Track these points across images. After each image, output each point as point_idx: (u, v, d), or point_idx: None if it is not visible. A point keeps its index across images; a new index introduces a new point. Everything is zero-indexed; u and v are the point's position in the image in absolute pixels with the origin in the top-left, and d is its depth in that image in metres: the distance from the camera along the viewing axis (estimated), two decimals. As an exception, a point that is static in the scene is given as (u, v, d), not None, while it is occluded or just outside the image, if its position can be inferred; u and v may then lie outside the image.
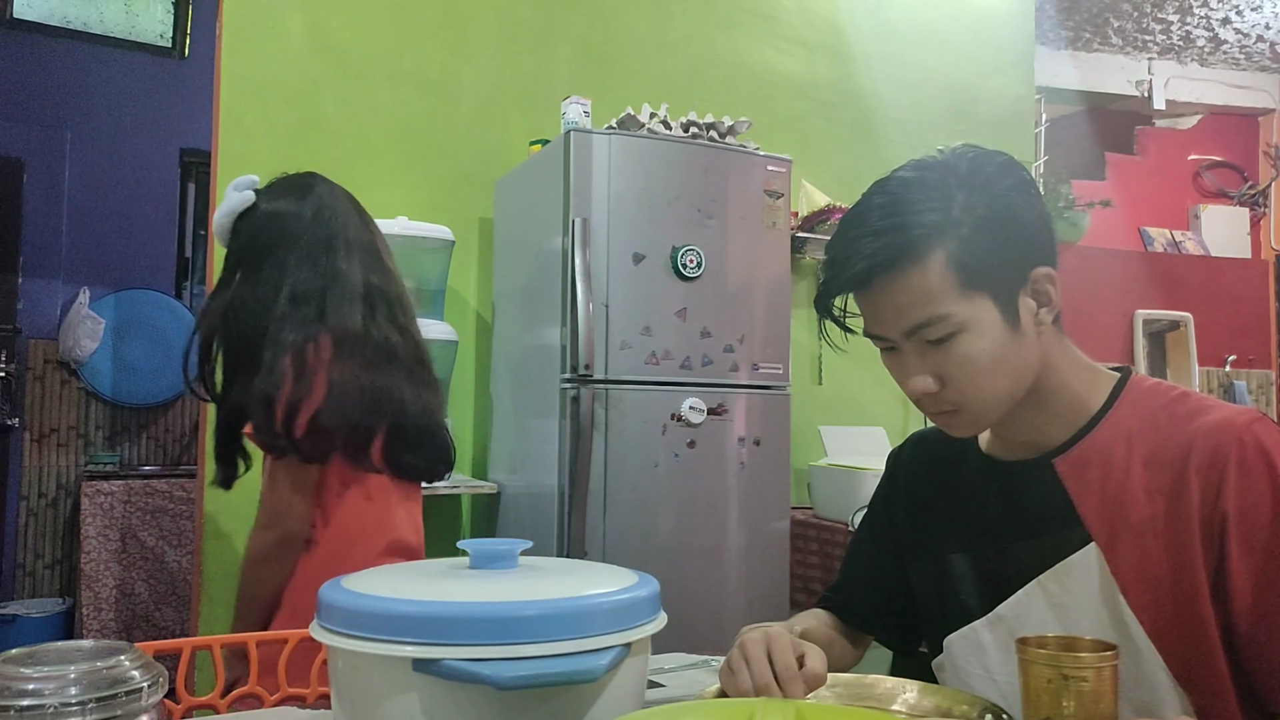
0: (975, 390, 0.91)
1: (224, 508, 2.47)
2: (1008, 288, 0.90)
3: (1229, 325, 5.30)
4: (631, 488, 2.23)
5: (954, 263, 0.88)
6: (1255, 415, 0.89)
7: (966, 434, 0.97)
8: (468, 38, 2.86)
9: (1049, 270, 0.92)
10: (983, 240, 0.88)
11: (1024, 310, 0.91)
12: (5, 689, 0.61)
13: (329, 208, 1.52)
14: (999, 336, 0.90)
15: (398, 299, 1.54)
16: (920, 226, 0.88)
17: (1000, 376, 0.91)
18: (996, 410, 0.93)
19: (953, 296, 0.88)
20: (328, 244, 1.49)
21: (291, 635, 1.14)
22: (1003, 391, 0.92)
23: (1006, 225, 0.90)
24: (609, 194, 2.26)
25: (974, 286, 0.88)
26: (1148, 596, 0.88)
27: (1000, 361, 0.90)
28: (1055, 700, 0.73)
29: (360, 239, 1.52)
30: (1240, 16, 4.95)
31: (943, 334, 0.89)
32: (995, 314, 0.89)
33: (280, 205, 1.53)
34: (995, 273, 0.89)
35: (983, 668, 0.99)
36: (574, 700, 0.73)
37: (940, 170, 0.92)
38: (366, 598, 0.75)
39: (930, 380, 0.91)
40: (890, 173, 0.94)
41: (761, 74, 3.33)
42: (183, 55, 4.37)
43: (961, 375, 0.90)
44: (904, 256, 0.88)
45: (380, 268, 1.53)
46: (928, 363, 0.91)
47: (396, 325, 1.50)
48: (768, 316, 2.44)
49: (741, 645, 0.86)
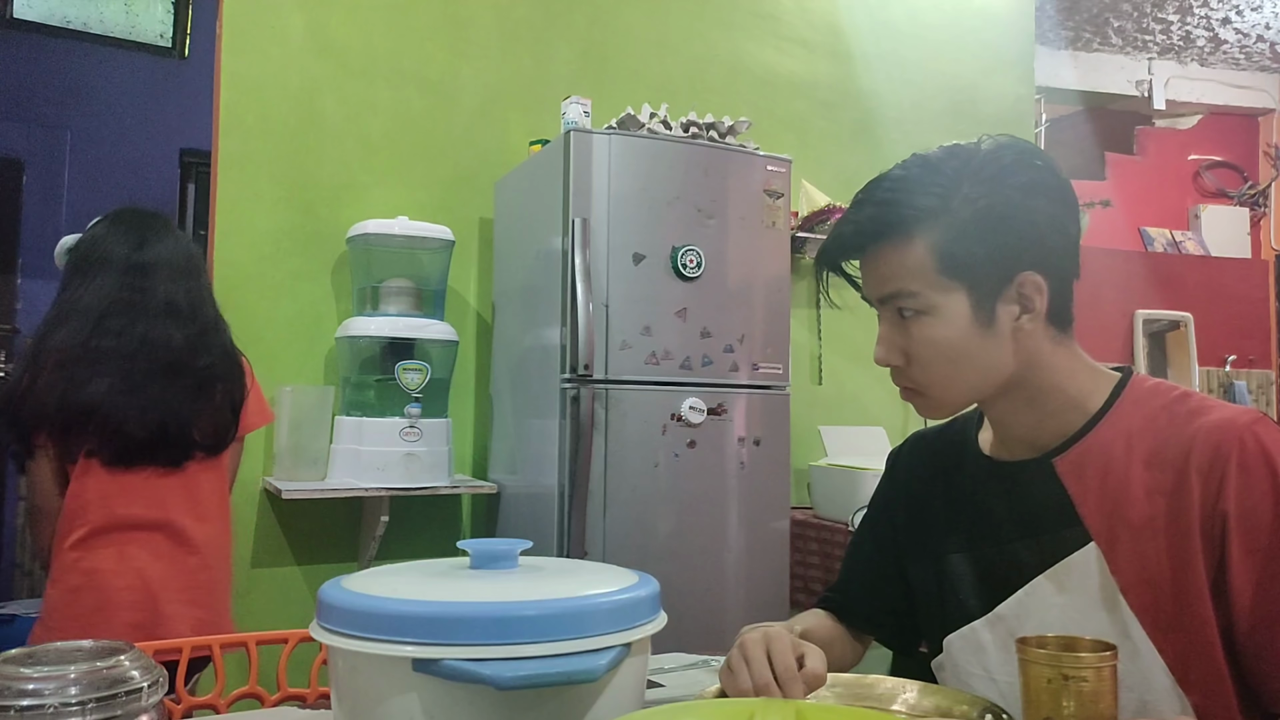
0: (934, 375, 0.94)
1: (224, 508, 2.47)
2: (986, 285, 0.91)
3: (1229, 325, 5.30)
4: (631, 488, 2.23)
5: (936, 249, 0.91)
6: (1256, 416, 0.89)
7: (931, 416, 1.00)
8: (468, 38, 2.86)
9: (1036, 277, 0.91)
10: (971, 234, 0.90)
11: (1003, 312, 0.92)
12: (5, 689, 0.61)
13: (96, 237, 1.80)
14: (964, 329, 0.92)
15: (161, 307, 1.74)
16: (912, 208, 0.91)
17: (961, 369, 0.93)
18: (957, 401, 0.97)
19: (927, 280, 0.91)
20: (79, 269, 1.76)
21: (291, 635, 1.14)
22: (963, 385, 0.94)
23: (1000, 224, 0.90)
24: (609, 194, 2.26)
25: (950, 276, 0.91)
26: (1148, 597, 0.88)
27: (962, 354, 0.92)
28: (1055, 700, 0.73)
29: (126, 259, 1.76)
30: (1240, 16, 4.95)
31: (910, 309, 0.93)
32: (966, 307, 0.92)
33: (68, 242, 1.89)
34: (976, 268, 0.91)
35: (982, 667, 0.99)
36: (574, 700, 0.74)
37: (962, 158, 0.93)
38: (366, 598, 0.75)
39: (894, 352, 0.95)
40: (927, 150, 0.97)
41: (761, 74, 3.33)
42: (183, 55, 4.37)
43: (922, 357, 0.94)
44: (890, 232, 0.92)
45: (142, 285, 1.74)
46: (897, 335, 0.95)
47: (130, 334, 1.70)
48: (768, 316, 2.44)
49: (741, 645, 0.86)
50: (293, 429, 2.42)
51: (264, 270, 2.54)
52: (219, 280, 2.49)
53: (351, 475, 2.39)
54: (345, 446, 2.43)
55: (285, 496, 2.28)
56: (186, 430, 1.75)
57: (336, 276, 2.64)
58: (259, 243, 2.54)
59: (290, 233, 2.58)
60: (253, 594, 2.48)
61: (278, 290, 2.56)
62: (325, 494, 2.33)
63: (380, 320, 2.46)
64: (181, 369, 1.74)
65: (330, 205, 2.63)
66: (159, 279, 1.77)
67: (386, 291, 2.51)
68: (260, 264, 2.54)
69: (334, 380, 2.59)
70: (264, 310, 2.53)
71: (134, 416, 1.68)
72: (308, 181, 2.61)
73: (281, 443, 2.43)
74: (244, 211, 2.53)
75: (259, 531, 2.51)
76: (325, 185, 2.63)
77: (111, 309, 1.71)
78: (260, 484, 2.50)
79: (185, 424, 1.74)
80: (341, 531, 2.61)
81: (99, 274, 1.74)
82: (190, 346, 1.76)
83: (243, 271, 2.51)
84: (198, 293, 1.83)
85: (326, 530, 2.59)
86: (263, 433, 2.51)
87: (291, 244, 2.58)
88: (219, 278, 2.49)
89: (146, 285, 1.75)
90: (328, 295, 2.62)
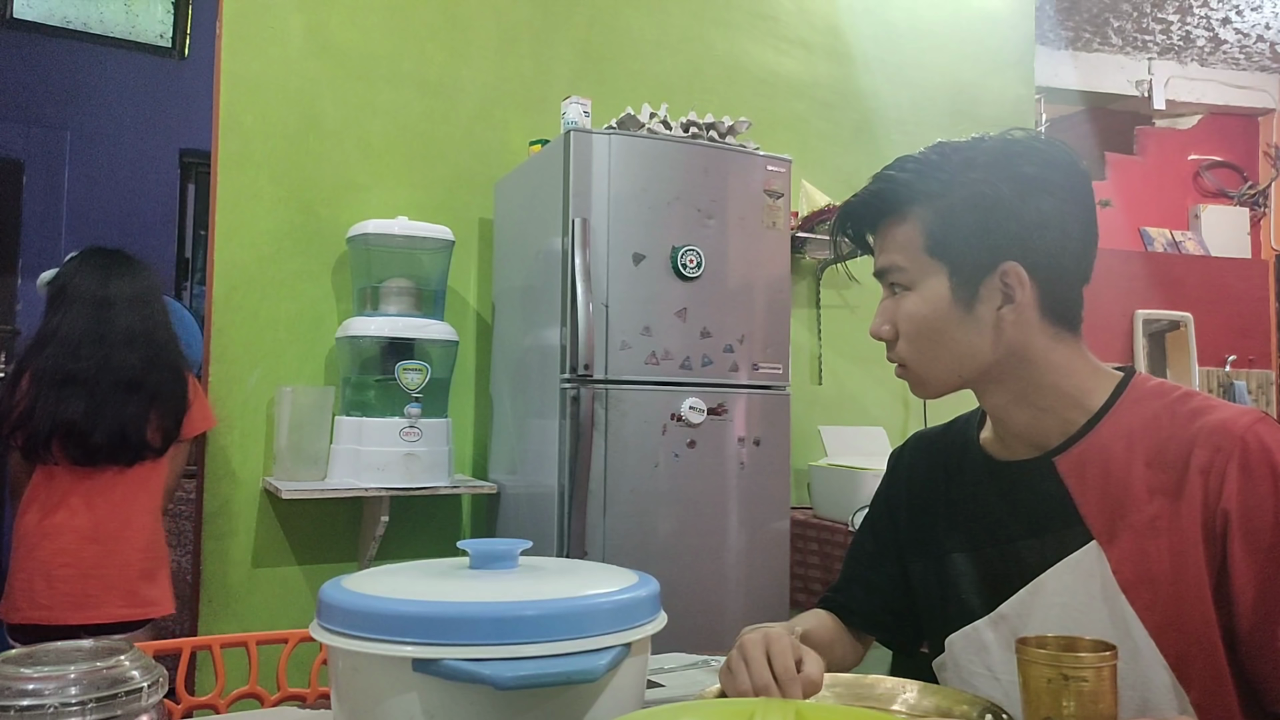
0: (915, 352, 0.98)
1: (224, 508, 2.47)
2: (968, 269, 0.94)
3: (1229, 325, 5.30)
4: (631, 488, 2.23)
5: (925, 227, 0.95)
6: (1258, 415, 0.89)
7: (918, 394, 1.02)
8: (468, 38, 2.86)
9: (1019, 269, 0.92)
10: (960, 217, 0.93)
11: (985, 298, 0.94)
12: (5, 689, 0.61)
13: (68, 274, 2.17)
14: (942, 309, 0.95)
15: (122, 335, 2.11)
16: (909, 187, 0.96)
17: (939, 347, 0.96)
18: (938, 378, 0.99)
19: (913, 254, 0.96)
20: (55, 300, 2.15)
21: (291, 635, 1.14)
22: (940, 364, 0.97)
23: (989, 213, 0.93)
24: (609, 194, 2.26)
25: (934, 254, 0.95)
26: (1149, 595, 0.88)
27: (939, 333, 0.95)
28: (1055, 700, 0.73)
29: (93, 295, 2.13)
30: (1240, 16, 4.95)
31: (899, 284, 0.98)
32: (945, 287, 0.95)
33: (47, 276, 2.25)
34: (958, 250, 0.94)
35: (985, 666, 0.99)
36: (574, 700, 0.73)
37: (977, 147, 0.96)
38: (366, 598, 0.75)
39: (885, 325, 0.99)
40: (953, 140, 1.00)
41: (761, 74, 3.33)
42: (183, 55, 4.38)
43: (905, 332, 0.98)
44: (888, 208, 0.98)
45: (107, 316, 2.11)
46: (888, 309, 1.00)
47: (97, 358, 2.07)
48: (768, 316, 2.44)
49: (741, 646, 0.86)
50: (293, 429, 2.43)
51: (264, 270, 2.54)
52: (219, 280, 2.49)
53: (351, 475, 2.40)
54: (345, 446, 2.43)
55: (285, 496, 2.28)
56: (141, 436, 2.11)
57: (336, 276, 2.64)
58: (259, 243, 2.54)
59: (290, 233, 2.58)
60: (253, 594, 2.48)
61: (278, 290, 2.56)
62: (325, 494, 2.34)
63: (380, 320, 2.46)
64: (137, 386, 2.11)
65: (330, 205, 2.63)
66: (119, 310, 2.14)
67: (386, 291, 2.51)
68: (260, 264, 2.54)
69: (334, 380, 2.59)
70: (264, 310, 2.53)
71: (100, 426, 2.06)
72: (308, 181, 2.61)
73: (281, 443, 2.44)
74: (244, 211, 2.53)
75: (259, 531, 2.51)
76: (325, 185, 2.63)
77: (84, 339, 2.09)
78: (260, 484, 2.50)
79: (140, 431, 2.11)
80: (341, 531, 2.61)
81: (72, 306, 2.12)
82: (145, 367, 2.13)
83: (243, 271, 2.51)
84: (152, 319, 2.19)
85: (326, 530, 2.59)
86: (263, 433, 2.51)
87: (291, 244, 2.58)
88: (219, 277, 2.49)
89: (110, 316, 2.12)
90: (328, 295, 2.62)
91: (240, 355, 2.50)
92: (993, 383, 0.97)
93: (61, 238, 4.09)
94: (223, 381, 2.48)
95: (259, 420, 2.51)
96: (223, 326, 2.48)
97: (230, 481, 2.48)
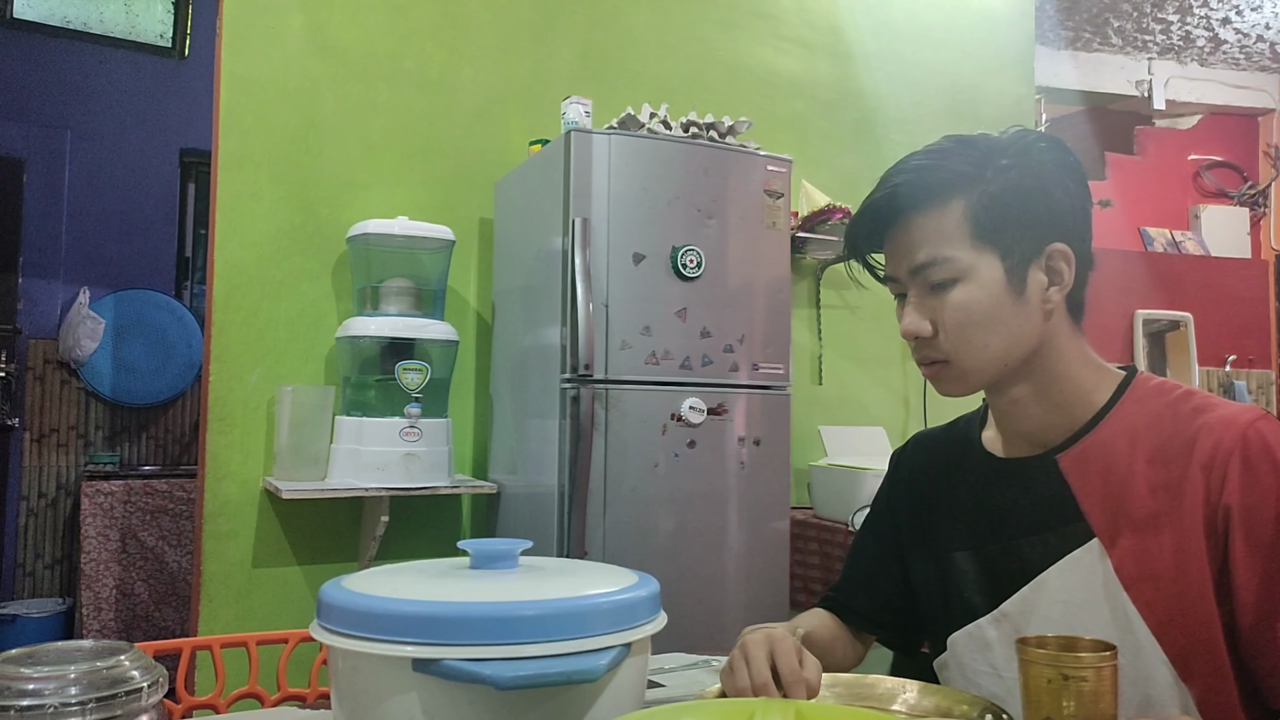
0: (964, 341, 0.93)
1: (224, 507, 2.47)
2: (1019, 252, 0.93)
3: (1229, 325, 5.30)
4: (631, 488, 2.23)
5: (971, 214, 0.92)
6: (1260, 413, 0.89)
7: (953, 389, 0.97)
8: (468, 38, 2.86)
9: (1065, 248, 0.93)
10: (1006, 201, 0.92)
11: (1033, 281, 0.93)
12: (5, 689, 0.61)
13: None
14: (997, 294, 0.92)
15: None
16: (948, 172, 0.93)
17: (991, 334, 0.93)
18: (984, 370, 0.95)
19: (962, 244, 0.92)
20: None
21: (291, 635, 1.14)
22: (992, 352, 0.94)
23: (1035, 195, 0.93)
24: (609, 194, 2.26)
25: (984, 241, 0.92)
26: (1150, 592, 0.88)
27: (994, 319, 0.93)
28: (1055, 700, 0.73)
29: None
30: (1240, 16, 4.95)
31: (943, 277, 0.93)
32: (999, 272, 0.93)
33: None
34: (1009, 234, 0.92)
35: (989, 665, 0.99)
36: (574, 700, 0.73)
37: (991, 138, 0.97)
38: (366, 598, 0.75)
39: (924, 322, 0.94)
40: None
41: (761, 74, 3.32)
42: (183, 55, 4.37)
43: (954, 324, 0.93)
44: (927, 197, 0.93)
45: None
46: (925, 308, 0.95)
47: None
48: (768, 316, 2.44)
49: (743, 646, 0.86)
50: (293, 429, 2.42)
51: (264, 270, 2.54)
52: (219, 280, 2.49)
53: (351, 475, 2.39)
54: (345, 446, 2.43)
55: (285, 496, 2.28)
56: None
57: (337, 276, 2.64)
58: (259, 243, 2.54)
59: (290, 233, 2.58)
60: (253, 594, 2.48)
61: (278, 290, 2.56)
62: (325, 494, 2.33)
63: (380, 320, 2.46)
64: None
65: (330, 205, 2.63)
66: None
67: (386, 291, 2.51)
68: (261, 264, 2.54)
69: (334, 380, 2.59)
70: (264, 310, 2.53)
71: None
72: (308, 181, 2.61)
73: (282, 443, 2.43)
74: (244, 211, 2.53)
75: (259, 531, 2.51)
76: (325, 185, 2.63)
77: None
78: (260, 484, 2.50)
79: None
80: (341, 531, 2.61)
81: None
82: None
83: (243, 271, 2.51)
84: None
85: (326, 530, 2.59)
86: (263, 433, 2.51)
87: (291, 244, 2.58)
88: (219, 277, 2.49)
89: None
90: (328, 295, 2.62)
91: (240, 355, 2.50)
92: (1022, 374, 0.97)
93: (62, 237, 4.09)
94: (223, 381, 2.47)
95: (259, 420, 2.51)
96: (223, 326, 2.48)
97: (230, 481, 2.48)
